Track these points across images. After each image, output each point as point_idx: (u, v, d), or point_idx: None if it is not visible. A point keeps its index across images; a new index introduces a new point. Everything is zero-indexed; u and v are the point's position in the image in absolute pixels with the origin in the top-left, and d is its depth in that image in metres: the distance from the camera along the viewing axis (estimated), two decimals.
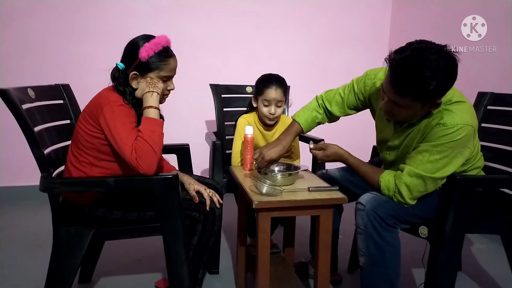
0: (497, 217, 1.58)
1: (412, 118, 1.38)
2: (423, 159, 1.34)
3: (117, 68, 1.45)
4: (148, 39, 1.42)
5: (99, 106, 1.38)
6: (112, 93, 1.43)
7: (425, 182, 1.35)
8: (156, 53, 1.41)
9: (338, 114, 1.71)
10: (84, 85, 1.96)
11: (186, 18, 2.98)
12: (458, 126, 1.29)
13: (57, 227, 1.44)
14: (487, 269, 2.03)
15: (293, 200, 1.34)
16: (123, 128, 1.35)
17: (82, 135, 1.43)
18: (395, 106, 1.32)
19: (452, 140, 1.30)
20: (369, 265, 1.40)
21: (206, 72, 3.00)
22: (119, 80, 1.44)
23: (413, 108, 1.30)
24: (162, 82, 1.46)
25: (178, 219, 1.43)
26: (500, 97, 1.80)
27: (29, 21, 2.76)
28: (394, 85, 1.26)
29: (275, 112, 1.86)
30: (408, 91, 1.24)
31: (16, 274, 1.90)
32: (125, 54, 1.46)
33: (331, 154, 1.52)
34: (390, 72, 1.27)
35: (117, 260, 2.05)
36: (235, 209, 1.83)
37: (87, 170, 1.44)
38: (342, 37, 3.29)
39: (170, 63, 1.46)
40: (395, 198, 1.39)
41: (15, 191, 2.91)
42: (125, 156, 1.33)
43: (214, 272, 1.92)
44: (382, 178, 1.42)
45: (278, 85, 1.85)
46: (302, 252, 2.04)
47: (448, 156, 1.32)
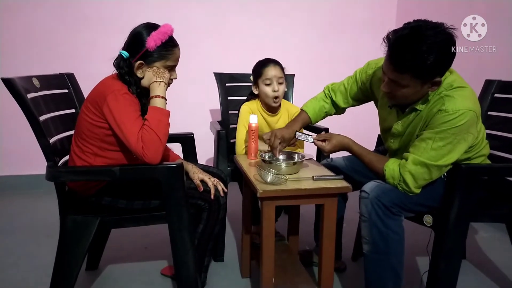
0: (502, 205, 1.58)
1: (412, 99, 1.37)
2: (427, 146, 1.34)
3: (121, 56, 1.43)
4: (153, 28, 1.41)
5: (102, 94, 1.37)
6: (115, 81, 1.42)
7: (430, 170, 1.35)
8: (163, 42, 1.40)
9: (342, 105, 1.73)
10: (89, 74, 1.95)
11: (191, 6, 2.96)
12: (460, 112, 1.28)
13: (63, 215, 1.46)
14: (491, 258, 2.03)
15: (297, 189, 1.34)
16: (128, 117, 1.35)
17: (85, 125, 1.42)
18: (396, 86, 1.32)
19: (455, 126, 1.29)
20: (373, 252, 1.40)
21: (210, 61, 2.98)
22: (124, 69, 1.43)
23: (413, 86, 1.29)
24: (166, 71, 1.46)
25: (183, 207, 1.44)
26: (507, 85, 1.77)
27: (34, 10, 2.75)
28: (393, 62, 1.27)
29: (278, 89, 1.86)
30: (406, 67, 1.24)
31: (24, 261, 1.93)
32: (129, 43, 1.44)
33: (337, 143, 1.52)
34: (388, 51, 1.28)
35: (123, 248, 2.08)
36: (240, 198, 1.84)
37: (91, 160, 1.45)
38: (348, 23, 3.24)
39: (176, 52, 1.46)
40: (400, 187, 1.39)
41: (22, 180, 2.94)
42: (131, 145, 1.33)
43: (219, 260, 1.94)
44: (386, 167, 1.42)
45: (275, 63, 1.90)
46: (307, 240, 2.05)
47: (451, 143, 1.32)
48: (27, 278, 1.78)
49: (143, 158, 1.34)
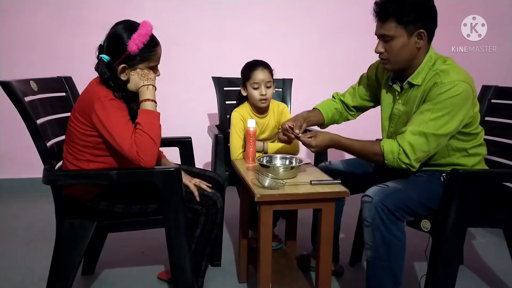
0: (499, 211, 1.58)
1: (405, 58, 1.43)
2: (425, 118, 1.37)
3: (102, 61, 1.39)
4: (132, 29, 1.37)
5: (89, 103, 1.35)
6: (100, 88, 1.39)
7: (428, 140, 1.36)
8: (145, 44, 1.37)
9: (351, 103, 1.78)
10: (88, 77, 1.95)
11: (190, 9, 2.96)
12: (455, 83, 1.34)
13: (60, 219, 1.45)
14: (489, 263, 2.03)
15: (295, 194, 1.34)
16: (117, 123, 1.33)
17: (76, 134, 1.40)
18: (385, 42, 1.42)
19: (451, 96, 1.34)
20: (375, 259, 1.39)
21: (208, 65, 2.98)
22: (106, 74, 1.38)
23: (400, 37, 1.39)
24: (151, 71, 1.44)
25: (181, 211, 1.44)
26: (504, 91, 1.78)
27: (33, 14, 2.76)
28: (377, 13, 1.41)
29: (266, 93, 1.85)
30: (388, 13, 1.38)
31: (20, 265, 1.92)
32: (109, 47, 1.39)
33: (323, 138, 1.47)
34: (374, 12, 1.43)
35: (119, 252, 2.06)
36: (237, 202, 1.83)
37: (85, 166, 1.43)
38: (347, 28, 3.24)
39: (158, 51, 1.44)
40: (401, 161, 1.38)
41: (19, 183, 2.93)
42: (124, 150, 1.32)
43: (217, 264, 1.93)
44: (383, 143, 1.42)
45: (263, 66, 1.88)
46: (304, 244, 2.05)
47: (449, 113, 1.35)
48: (23, 282, 1.77)
49: (138, 162, 1.33)
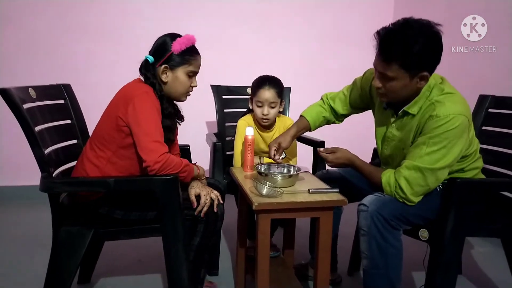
0: (497, 220, 1.58)
1: (403, 96, 1.39)
2: (421, 152, 1.36)
3: (146, 61, 1.50)
4: (177, 36, 1.51)
5: (130, 95, 1.42)
6: (141, 84, 1.49)
7: (424, 175, 1.36)
8: (187, 47, 1.49)
9: (341, 111, 1.75)
10: (87, 85, 1.96)
11: (189, 17, 2.98)
12: (451, 116, 1.32)
13: (57, 227, 1.44)
14: (487, 273, 2.02)
15: (293, 202, 1.34)
16: (151, 119, 1.40)
17: (105, 129, 1.46)
18: (385, 80, 1.36)
19: (447, 130, 1.32)
20: (372, 268, 1.39)
21: (207, 73, 2.98)
22: (149, 72, 1.49)
23: (402, 79, 1.32)
24: (188, 78, 1.54)
25: (178, 220, 1.43)
26: (501, 100, 1.79)
27: (32, 20, 2.77)
28: (381, 52, 1.32)
29: (268, 113, 1.85)
30: (393, 56, 1.29)
31: (16, 272, 1.90)
32: (155, 49, 1.52)
33: (341, 157, 1.53)
34: (376, 44, 1.34)
35: (116, 261, 2.05)
36: (235, 211, 1.83)
37: (102, 165, 1.46)
38: (345, 36, 3.27)
39: (198, 59, 1.56)
40: (397, 195, 1.39)
41: (16, 191, 2.92)
42: (145, 148, 1.36)
43: (214, 273, 1.92)
44: (383, 174, 1.43)
45: (271, 86, 1.85)
46: (302, 253, 2.04)
47: (445, 147, 1.33)
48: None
49: (151, 168, 1.36)
